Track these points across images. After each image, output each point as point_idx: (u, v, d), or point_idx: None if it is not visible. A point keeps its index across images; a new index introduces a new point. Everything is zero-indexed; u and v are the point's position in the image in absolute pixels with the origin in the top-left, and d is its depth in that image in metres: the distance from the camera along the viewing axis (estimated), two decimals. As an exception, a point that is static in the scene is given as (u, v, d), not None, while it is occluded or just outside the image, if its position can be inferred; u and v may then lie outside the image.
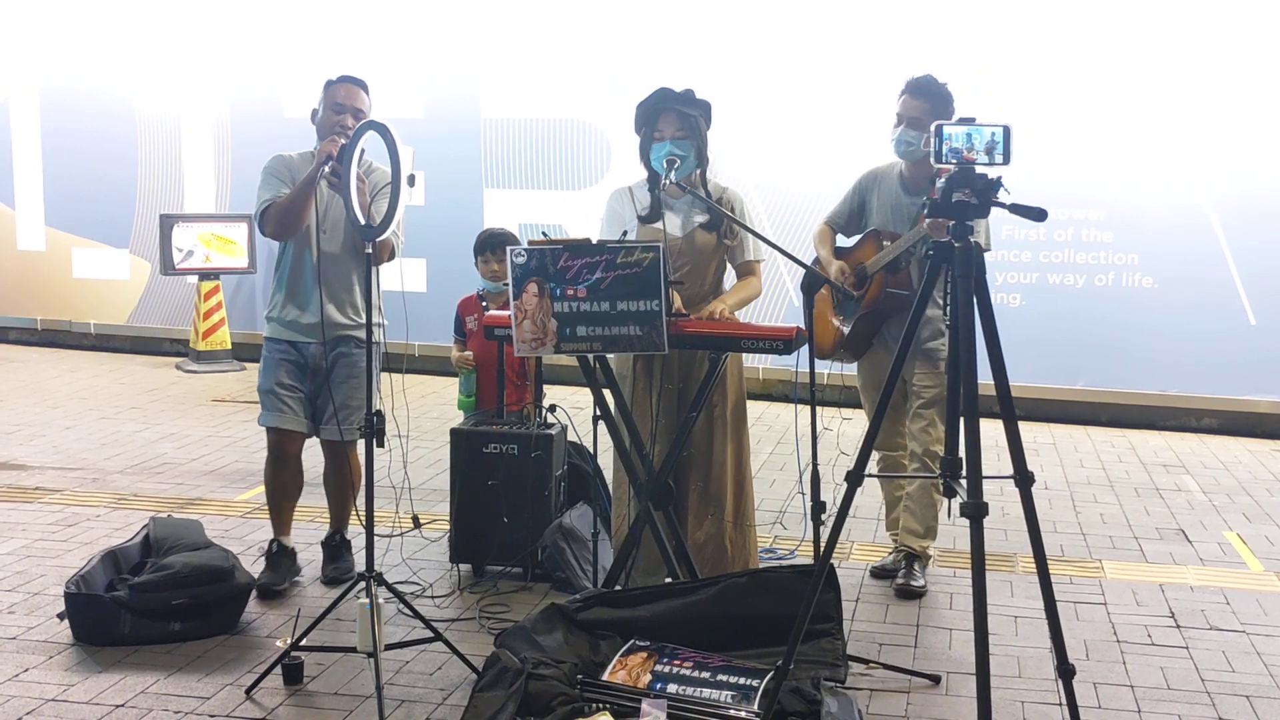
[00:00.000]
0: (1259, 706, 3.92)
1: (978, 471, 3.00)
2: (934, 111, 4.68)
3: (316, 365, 4.79)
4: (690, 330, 4.20)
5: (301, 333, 4.74)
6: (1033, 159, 7.93)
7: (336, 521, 5.03)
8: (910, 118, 4.80)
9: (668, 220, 4.47)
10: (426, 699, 3.87)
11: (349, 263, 4.75)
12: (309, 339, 4.73)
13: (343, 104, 4.66)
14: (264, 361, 4.84)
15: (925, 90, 4.83)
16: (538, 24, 9.21)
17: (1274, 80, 7.82)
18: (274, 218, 4.64)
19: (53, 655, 4.15)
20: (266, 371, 4.80)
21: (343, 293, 4.76)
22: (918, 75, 4.90)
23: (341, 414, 4.73)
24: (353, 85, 4.73)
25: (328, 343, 4.73)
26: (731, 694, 3.65)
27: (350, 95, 4.69)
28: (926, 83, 4.86)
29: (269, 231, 4.70)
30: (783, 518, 5.71)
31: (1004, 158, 3.03)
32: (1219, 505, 6.34)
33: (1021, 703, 3.91)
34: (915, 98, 4.83)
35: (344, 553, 5.00)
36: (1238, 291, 7.97)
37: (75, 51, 10.37)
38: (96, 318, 10.72)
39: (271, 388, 4.77)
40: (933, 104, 4.77)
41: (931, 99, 4.80)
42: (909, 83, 4.88)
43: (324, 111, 4.70)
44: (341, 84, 4.72)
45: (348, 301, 4.78)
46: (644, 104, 4.52)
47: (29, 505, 5.89)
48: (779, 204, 8.69)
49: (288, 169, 4.72)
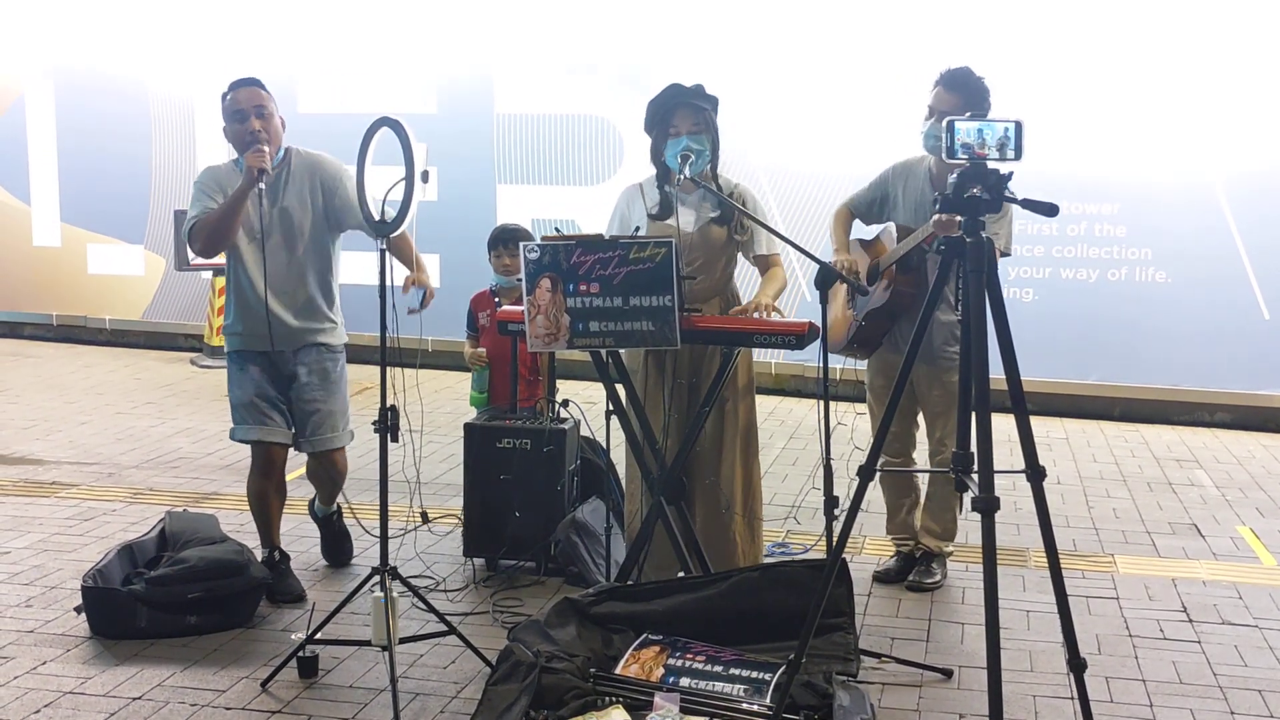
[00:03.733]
0: (1271, 701, 3.92)
1: (989, 466, 3.01)
2: (967, 105, 4.34)
3: (290, 374, 4.69)
4: (703, 325, 4.22)
5: (264, 343, 4.59)
6: (1045, 152, 7.94)
7: (326, 499, 5.03)
8: (941, 111, 4.53)
9: (680, 215, 4.48)
10: (441, 692, 3.89)
11: (302, 265, 4.64)
12: (273, 348, 4.61)
13: (244, 109, 4.53)
14: (233, 375, 4.70)
15: (960, 83, 4.60)
16: (551, 19, 9.22)
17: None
18: (201, 234, 4.51)
19: (70, 648, 4.19)
20: (239, 384, 4.67)
21: (300, 298, 4.65)
22: (954, 67, 4.67)
23: (327, 422, 4.73)
24: (250, 87, 4.59)
25: (295, 351, 4.67)
26: (744, 688, 3.67)
27: (251, 97, 4.55)
28: (962, 75, 4.62)
29: (197, 248, 4.59)
30: (796, 513, 5.72)
31: (1016, 153, 3.02)
32: (1232, 500, 6.34)
33: (1034, 696, 3.92)
34: (949, 91, 4.61)
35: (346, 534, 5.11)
36: (1252, 286, 7.94)
37: (89, 46, 10.41)
38: (112, 313, 10.77)
39: (251, 400, 4.65)
40: (966, 98, 4.51)
41: (965, 92, 4.55)
42: (943, 74, 4.66)
43: (229, 124, 4.57)
44: (239, 90, 4.58)
45: (305, 305, 4.66)
46: (656, 101, 4.51)
47: (46, 500, 5.93)
48: (789, 187, 8.69)
49: (217, 182, 4.59)
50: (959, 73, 4.64)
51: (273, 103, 4.61)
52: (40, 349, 10.53)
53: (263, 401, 4.66)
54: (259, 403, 4.66)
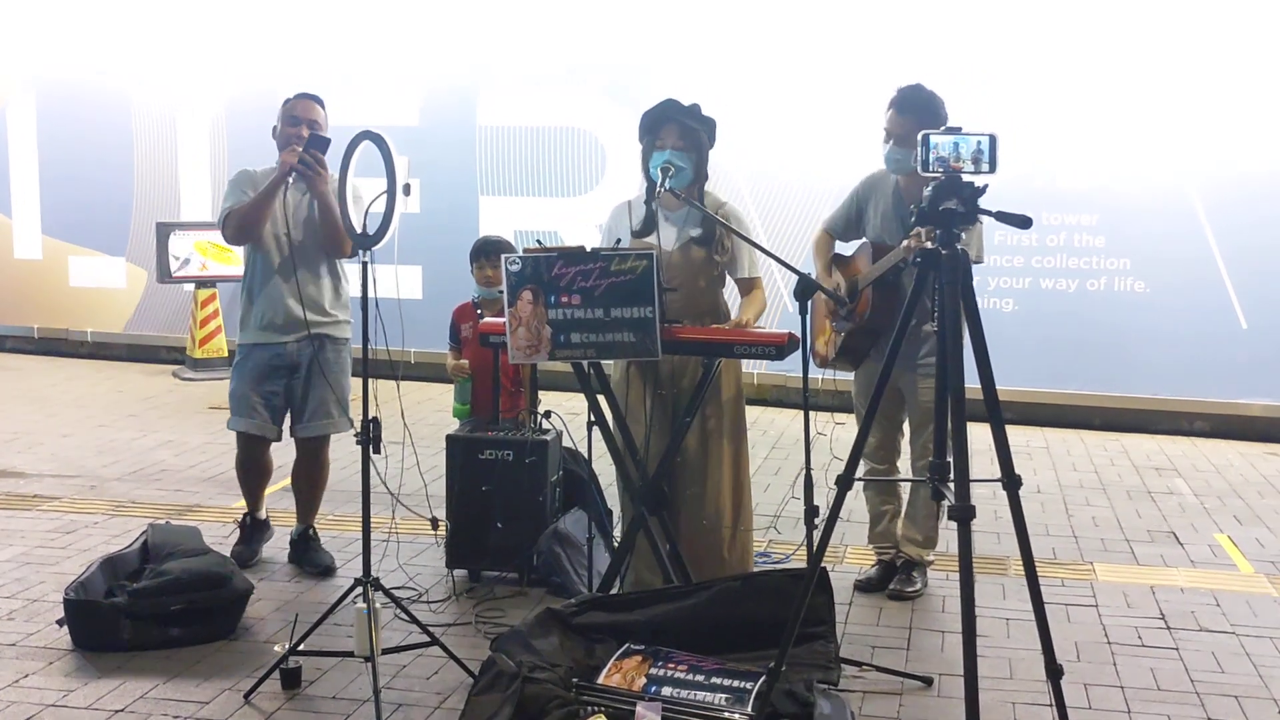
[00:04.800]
0: (1248, 707, 3.96)
1: (965, 475, 3.05)
2: (921, 125, 4.32)
3: (294, 364, 5.05)
4: (683, 336, 4.24)
5: (279, 333, 5.00)
6: (1024, 163, 8.03)
7: (306, 516, 5.27)
8: (897, 135, 4.67)
9: (662, 232, 4.51)
10: (424, 703, 3.90)
11: (316, 264, 5.03)
12: (285, 338, 5.01)
13: (299, 117, 4.98)
14: (238, 366, 5.14)
15: (910, 104, 4.68)
16: (533, 31, 9.26)
17: (1265, 84, 7.86)
18: (234, 223, 4.96)
19: (52, 661, 4.19)
20: (240, 376, 5.11)
21: (314, 293, 5.02)
22: (904, 86, 4.75)
23: (321, 410, 5.08)
24: (309, 100, 5.04)
25: (303, 340, 5.00)
26: (725, 696, 3.68)
27: (306, 109, 5.00)
28: (912, 95, 4.71)
29: (229, 235, 5.04)
30: (777, 522, 5.74)
31: (990, 166, 3.07)
32: (1210, 508, 6.39)
33: (1013, 704, 3.95)
34: (901, 113, 4.69)
35: (319, 547, 5.24)
36: (1229, 295, 8.02)
37: (71, 57, 10.41)
38: (94, 326, 10.76)
39: (246, 393, 5.07)
40: (919, 117, 4.56)
41: (918, 112, 4.62)
42: (894, 97, 4.74)
43: (281, 126, 5.02)
44: (298, 100, 5.03)
45: (319, 301, 5.03)
46: (649, 113, 4.54)
47: (27, 513, 5.92)
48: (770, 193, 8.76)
49: (251, 182, 5.01)
50: (909, 92, 4.73)
51: (324, 119, 5.04)
52: (22, 362, 10.51)
53: (255, 396, 5.06)
54: (251, 396, 5.06)
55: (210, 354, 9.82)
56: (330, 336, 5.09)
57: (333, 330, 5.09)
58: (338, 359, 5.12)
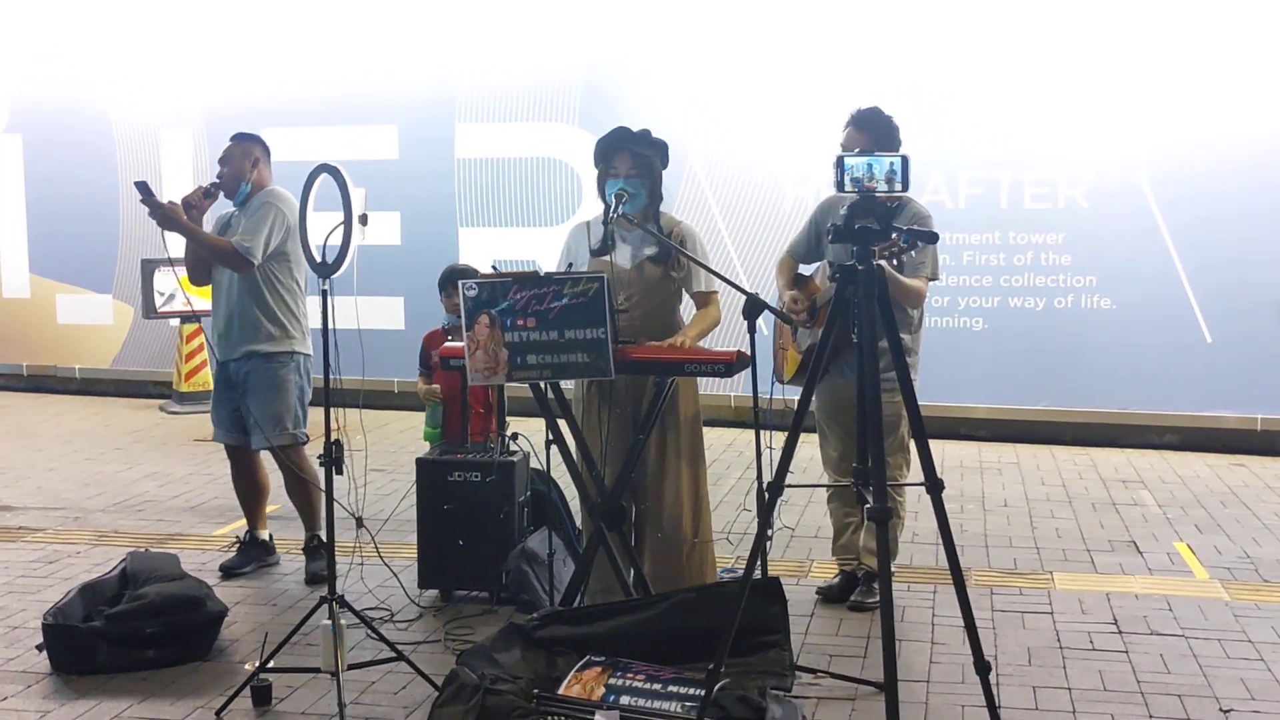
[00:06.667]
0: (1190, 705, 4.07)
1: (883, 479, 3.23)
2: (876, 144, 4.66)
3: (234, 380, 5.44)
4: (636, 356, 4.39)
5: (223, 351, 5.47)
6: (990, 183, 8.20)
7: (307, 526, 5.53)
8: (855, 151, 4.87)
9: (618, 252, 4.67)
10: (390, 716, 4.02)
11: (238, 284, 5.41)
12: (228, 356, 5.44)
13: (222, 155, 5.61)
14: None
15: (868, 123, 4.82)
16: (509, 64, 9.45)
17: (1234, 99, 8.01)
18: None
19: (31, 684, 4.30)
20: (213, 391, 5.66)
21: (251, 313, 5.39)
22: (863, 107, 4.89)
23: (262, 423, 5.35)
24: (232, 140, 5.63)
25: (241, 359, 5.38)
26: (681, 704, 3.81)
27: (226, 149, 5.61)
28: (870, 116, 4.85)
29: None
30: (729, 536, 5.84)
31: (903, 185, 3.22)
32: (1173, 518, 6.51)
33: (962, 707, 4.07)
34: (858, 130, 4.83)
35: (315, 555, 5.42)
36: (1193, 310, 8.16)
37: (54, 95, 10.59)
38: (81, 362, 10.90)
39: (215, 405, 5.58)
40: (875, 137, 4.75)
41: (874, 132, 4.78)
42: (852, 115, 4.88)
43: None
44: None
45: (250, 321, 5.39)
46: (602, 141, 4.73)
47: (11, 544, 6.04)
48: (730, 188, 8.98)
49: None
50: (867, 113, 4.87)
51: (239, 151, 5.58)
52: (11, 399, 10.64)
53: (221, 407, 5.52)
54: (218, 408, 5.54)
55: (196, 387, 9.93)
56: (260, 353, 5.38)
57: (267, 346, 5.39)
58: (267, 375, 5.39)
